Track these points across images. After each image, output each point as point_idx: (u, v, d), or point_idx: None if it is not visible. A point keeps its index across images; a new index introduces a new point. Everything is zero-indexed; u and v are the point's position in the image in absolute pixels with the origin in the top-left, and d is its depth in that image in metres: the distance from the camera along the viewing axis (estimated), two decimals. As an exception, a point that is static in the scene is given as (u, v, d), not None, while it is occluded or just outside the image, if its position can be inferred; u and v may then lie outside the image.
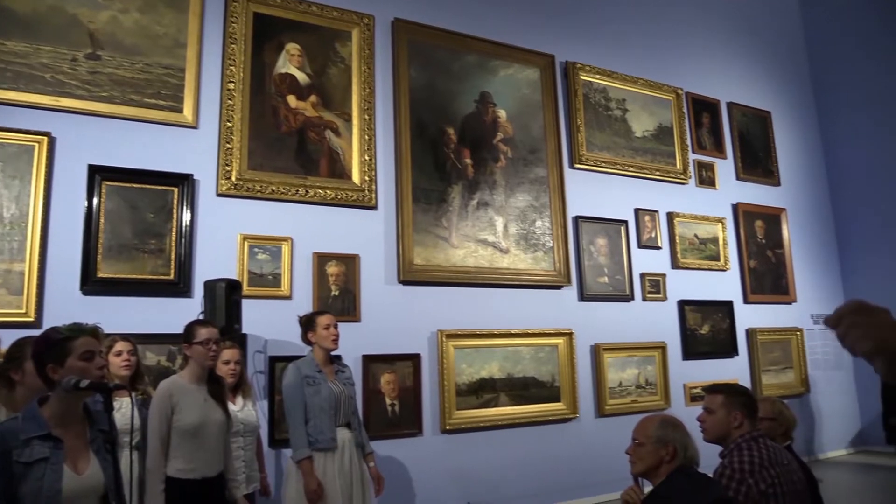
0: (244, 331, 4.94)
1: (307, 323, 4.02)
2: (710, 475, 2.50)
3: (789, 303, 8.97)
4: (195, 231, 5.21)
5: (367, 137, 6.04)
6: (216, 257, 5.23)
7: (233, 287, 4.70)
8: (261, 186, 5.48)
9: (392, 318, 5.92)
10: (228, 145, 5.40)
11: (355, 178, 5.94)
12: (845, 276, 9.80)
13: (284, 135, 5.71)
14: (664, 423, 2.45)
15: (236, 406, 3.95)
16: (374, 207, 6.02)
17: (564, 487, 6.48)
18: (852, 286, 9.68)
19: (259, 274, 5.38)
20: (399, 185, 6.13)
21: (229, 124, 5.44)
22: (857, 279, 9.63)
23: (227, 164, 5.37)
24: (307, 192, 5.68)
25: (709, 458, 2.67)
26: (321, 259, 5.66)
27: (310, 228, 5.68)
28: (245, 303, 4.94)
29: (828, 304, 9.48)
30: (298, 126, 5.78)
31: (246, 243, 5.36)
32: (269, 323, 5.29)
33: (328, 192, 5.77)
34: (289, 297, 5.46)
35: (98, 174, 4.88)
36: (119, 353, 3.67)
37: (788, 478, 2.53)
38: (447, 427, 5.96)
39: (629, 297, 7.41)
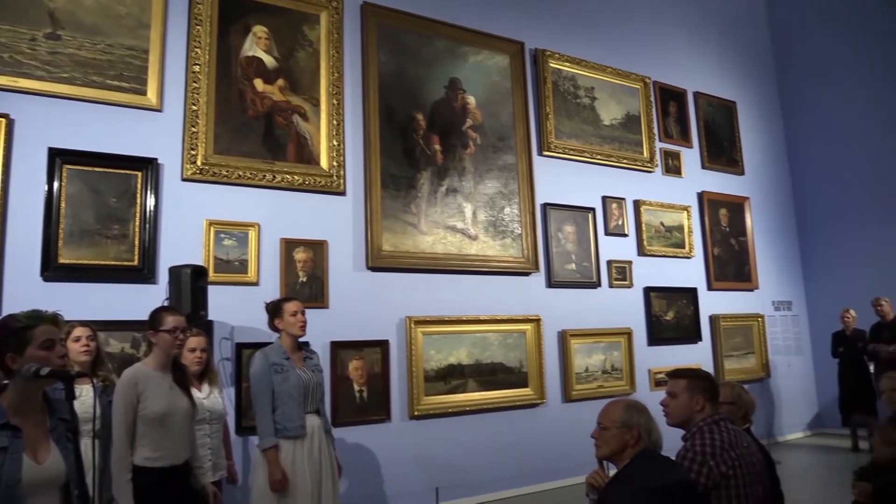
0: (210, 317, 4.88)
1: (274, 309, 3.98)
2: (673, 458, 2.55)
3: (751, 290, 9.16)
4: (160, 216, 5.13)
5: (335, 122, 5.99)
6: (181, 243, 5.15)
7: (198, 273, 4.64)
8: (227, 171, 5.40)
9: (360, 305, 5.91)
10: (194, 129, 5.31)
11: (323, 163, 5.89)
12: (805, 263, 10.04)
13: (251, 119, 5.63)
14: (629, 408, 2.49)
15: (202, 393, 3.91)
16: (343, 193, 5.99)
17: (532, 471, 6.56)
18: (811, 274, 9.92)
19: (225, 260, 5.32)
20: (368, 170, 6.10)
21: (194, 108, 5.34)
22: (815, 267, 9.87)
23: (192, 149, 5.28)
24: (274, 177, 5.62)
25: (671, 441, 2.73)
26: (289, 245, 5.61)
27: (277, 214, 5.63)
28: (211, 289, 4.88)
29: (788, 292, 9.72)
30: (265, 110, 5.71)
31: (212, 229, 5.29)
32: (236, 309, 5.24)
33: (296, 177, 5.72)
34: (256, 284, 5.41)
35: (59, 157, 4.76)
36: (77, 339, 3.60)
37: (748, 459, 2.60)
38: (415, 413, 5.99)
39: (596, 284, 7.49)
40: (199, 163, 5.28)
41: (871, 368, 7.84)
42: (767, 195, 9.85)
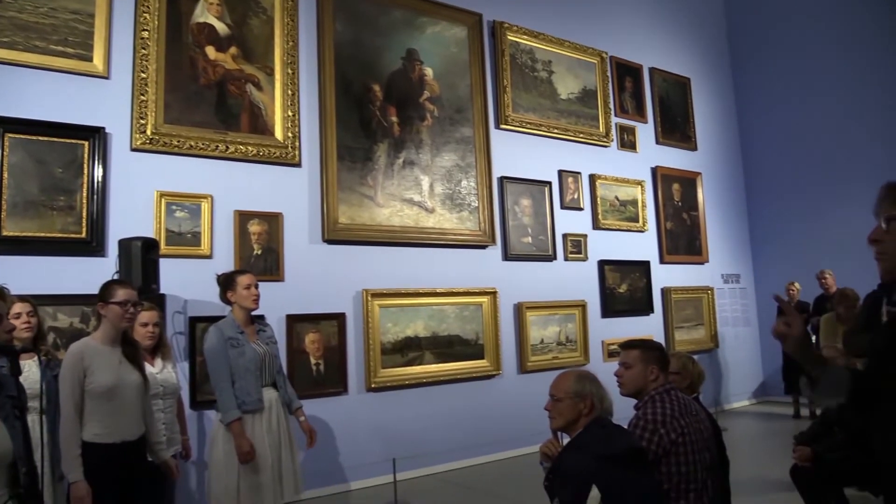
0: (162, 291, 4.80)
1: (226, 282, 3.91)
2: (624, 426, 2.62)
3: (702, 263, 9.39)
4: (108, 187, 4.99)
5: (290, 92, 5.88)
6: (131, 215, 5.03)
7: (149, 246, 4.54)
8: (178, 141, 5.27)
9: (316, 278, 5.87)
10: (143, 97, 5.15)
11: (278, 134, 5.80)
12: (753, 238, 10.31)
13: (203, 87, 5.49)
14: (581, 378, 2.54)
15: (155, 368, 3.85)
16: (298, 165, 5.91)
17: (487, 442, 6.66)
18: (759, 248, 10.21)
19: (177, 232, 5.22)
20: (323, 142, 6.02)
21: (143, 75, 5.18)
22: (763, 241, 10.16)
23: (141, 118, 5.13)
24: (228, 147, 5.50)
25: (622, 410, 2.80)
26: (243, 217, 5.53)
27: (231, 186, 5.53)
28: (163, 262, 4.79)
29: (737, 265, 9.98)
30: (218, 79, 5.57)
31: (163, 200, 5.18)
32: (189, 283, 5.16)
33: (250, 148, 5.62)
34: (209, 257, 5.33)
35: (0, 126, 4.58)
36: (18, 316, 3.50)
37: (696, 427, 2.68)
38: (372, 385, 6.01)
39: (552, 257, 7.58)
40: (148, 132, 5.14)
41: (814, 339, 8.13)
42: (719, 171, 10.05)
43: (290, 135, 5.83)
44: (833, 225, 8.89)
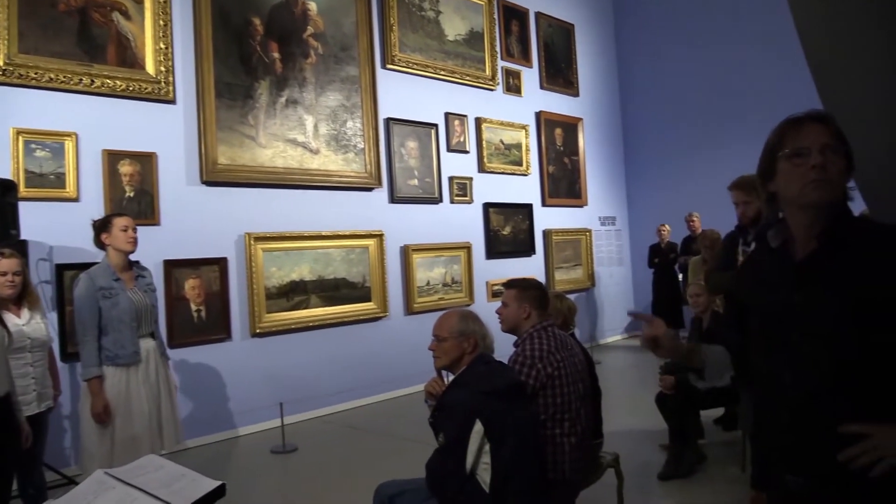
0: (23, 237, 4.43)
1: (102, 225, 3.66)
2: (505, 362, 2.74)
3: (581, 206, 9.77)
4: (-46, 122, 4.52)
5: (161, 23, 5.49)
6: (-17, 153, 4.60)
7: (6, 188, 4.18)
8: (36, 73, 4.82)
9: (195, 221, 5.64)
10: (-9, 22, 4.65)
11: (149, 68, 5.42)
12: (629, 182, 10.83)
13: (63, 14, 5.02)
14: (464, 318, 2.62)
15: (21, 320, 3.59)
16: (172, 102, 5.57)
17: (376, 382, 6.77)
18: (634, 192, 10.76)
19: (38, 173, 4.82)
20: (200, 78, 5.69)
21: (-9, -3, 4.67)
22: (638, 185, 10.71)
23: (-10, 45, 4.64)
24: (93, 81, 5.09)
25: (507, 346, 2.92)
26: (112, 157, 5.18)
27: (98, 123, 5.15)
28: (23, 206, 4.43)
29: (613, 208, 10.47)
30: (79, 5, 5.10)
31: (20, 138, 4.75)
32: (54, 228, 4.82)
33: (118, 82, 5.22)
34: (76, 200, 4.98)
35: None
36: (4, 273, 3.23)
37: (571, 361, 2.85)
38: (257, 330, 5.92)
39: (438, 200, 7.64)
40: (0, 62, 4.66)
41: (680, 278, 8.74)
42: (599, 117, 10.40)
43: (162, 69, 5.47)
44: (702, 171, 9.45)
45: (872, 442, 1.31)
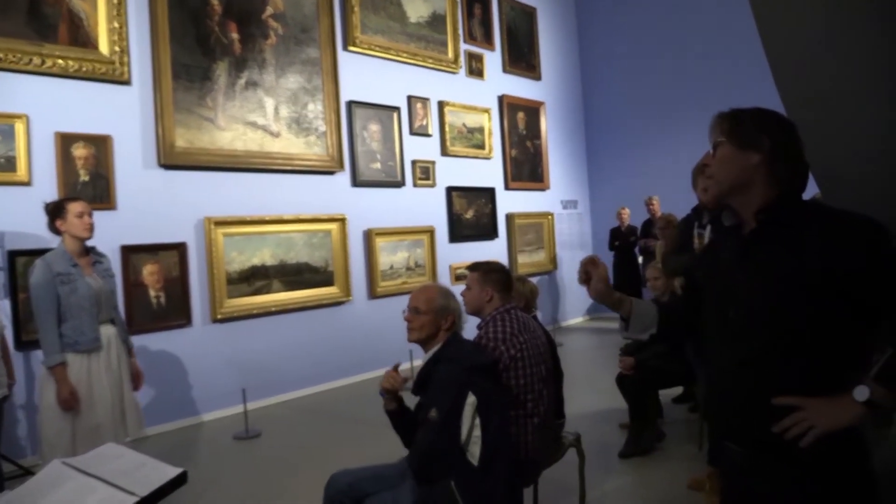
0: (-28, 221, 4.32)
1: (55, 210, 3.56)
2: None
3: (543, 190, 9.83)
4: None
5: (115, 1, 5.33)
6: (-72, 135, 4.43)
7: (-47, 170, 4.04)
8: (-18, 52, 4.65)
9: (153, 206, 5.53)
10: (-67, -2, 4.47)
11: (103, 48, 5.27)
12: (590, 165, 10.93)
13: (9, -9, 4.84)
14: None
15: (-31, 306, 3.50)
16: (128, 83, 5.43)
17: (339, 367, 6.75)
18: (595, 176, 10.85)
19: (-13, 156, 4.67)
20: (156, 58, 5.55)
21: (-68, -28, 4.48)
22: (599, 169, 10.81)
23: (-67, 22, 4.46)
24: (44, 61, 4.93)
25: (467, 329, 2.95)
26: (65, 140, 5.04)
27: (50, 105, 5.00)
28: (-29, 189, 4.29)
29: (575, 192, 10.56)
30: (27, -18, 4.92)
31: (-33, 119, 4.59)
32: (5, 213, 4.68)
33: (70, 62, 5.07)
34: (28, 184, 4.83)
35: None
36: None
37: (534, 343, 2.87)
38: (218, 316, 5.84)
39: (400, 184, 7.61)
40: (-57, 40, 4.49)
41: (640, 260, 8.87)
42: (561, 101, 10.45)
43: (117, 49, 5.32)
44: (662, 154, 9.59)
45: (803, 413, 1.45)
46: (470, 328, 2.69)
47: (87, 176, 5.14)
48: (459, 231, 8.35)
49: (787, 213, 1.55)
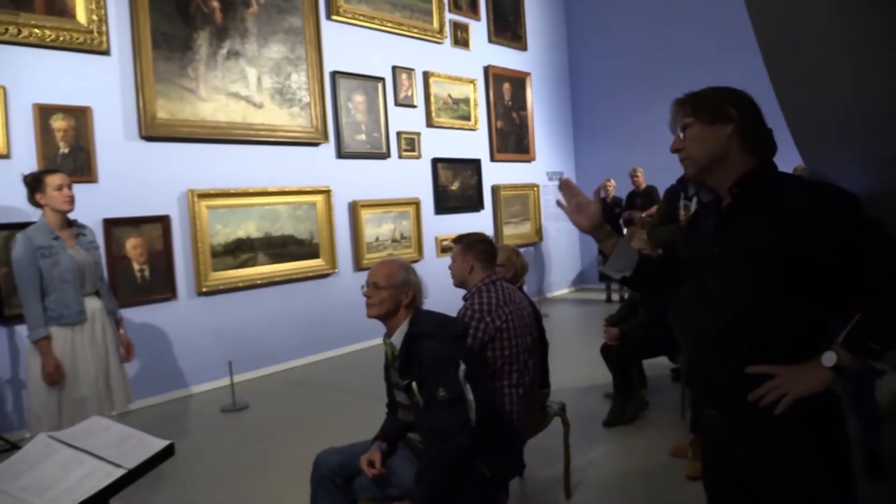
0: (-50, 194, 4.25)
1: (34, 182, 3.51)
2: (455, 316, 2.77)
3: (529, 161, 9.81)
4: None
5: (92, -32, 5.21)
6: None
7: (-71, 143, 3.97)
8: (-45, 20, 4.54)
9: (135, 178, 5.46)
10: None
11: (80, 17, 5.15)
12: (576, 136, 10.90)
13: (-18, -43, 4.71)
14: (406, 268, 2.57)
15: (-51, 280, 3.46)
16: (107, 53, 5.32)
17: (325, 339, 6.76)
18: (581, 147, 10.84)
19: (-37, 127, 4.58)
20: (135, 28, 5.44)
21: None
22: (585, 141, 10.79)
23: None
24: (20, 31, 4.82)
25: (448, 302, 2.95)
26: (44, 111, 4.95)
27: (27, 75, 4.90)
28: (-52, 161, 4.22)
29: (561, 163, 10.54)
30: (0, -53, 4.79)
31: (-59, 90, 4.50)
32: (-17, 185, 4.61)
33: (47, 32, 4.96)
34: (6, 157, 4.76)
35: None
36: None
37: (519, 314, 2.89)
38: (203, 289, 5.82)
39: (386, 155, 7.56)
40: (-85, 8, 4.38)
41: (625, 231, 8.91)
42: (547, 72, 10.38)
43: (94, 18, 5.20)
44: (647, 125, 9.54)
45: (776, 381, 1.52)
46: (456, 300, 2.69)
47: (67, 148, 5.06)
48: (445, 203, 8.33)
49: (761, 186, 1.59)
